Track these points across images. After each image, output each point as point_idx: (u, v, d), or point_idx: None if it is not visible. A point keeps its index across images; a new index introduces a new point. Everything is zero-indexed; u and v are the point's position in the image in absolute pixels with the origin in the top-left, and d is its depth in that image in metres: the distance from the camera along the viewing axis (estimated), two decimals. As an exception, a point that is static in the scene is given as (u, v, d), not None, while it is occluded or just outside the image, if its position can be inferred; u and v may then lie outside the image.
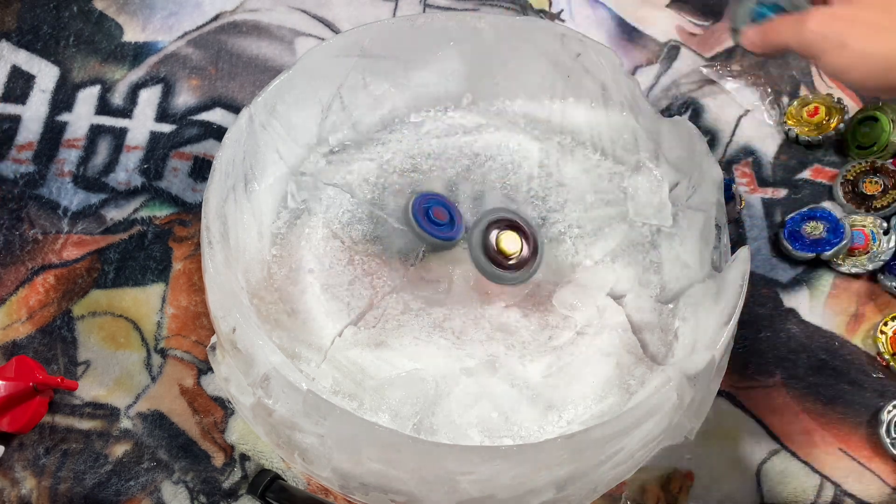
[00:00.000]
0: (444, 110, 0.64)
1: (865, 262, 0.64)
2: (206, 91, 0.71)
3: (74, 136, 0.68)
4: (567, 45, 0.59)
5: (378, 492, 0.46)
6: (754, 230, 0.67)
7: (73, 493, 0.55)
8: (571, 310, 0.57)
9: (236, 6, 0.75)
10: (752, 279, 0.64)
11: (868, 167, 0.67)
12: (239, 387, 0.48)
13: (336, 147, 0.62)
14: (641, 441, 0.45)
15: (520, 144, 0.63)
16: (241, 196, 0.56)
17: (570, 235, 0.60)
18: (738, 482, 0.57)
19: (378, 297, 0.57)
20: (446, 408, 0.53)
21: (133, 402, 0.58)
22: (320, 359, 0.54)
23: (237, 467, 0.56)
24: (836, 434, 0.59)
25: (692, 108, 0.72)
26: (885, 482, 0.57)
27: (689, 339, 0.54)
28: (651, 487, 0.57)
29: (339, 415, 0.43)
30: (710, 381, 0.48)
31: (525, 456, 0.42)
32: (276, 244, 0.58)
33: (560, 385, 0.54)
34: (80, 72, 0.71)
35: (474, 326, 0.57)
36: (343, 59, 0.60)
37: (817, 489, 0.57)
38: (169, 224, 0.65)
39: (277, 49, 0.73)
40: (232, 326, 0.46)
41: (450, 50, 0.61)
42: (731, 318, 0.47)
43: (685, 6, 0.78)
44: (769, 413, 0.59)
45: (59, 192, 0.65)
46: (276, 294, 0.56)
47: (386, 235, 0.60)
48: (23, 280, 0.62)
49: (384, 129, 0.64)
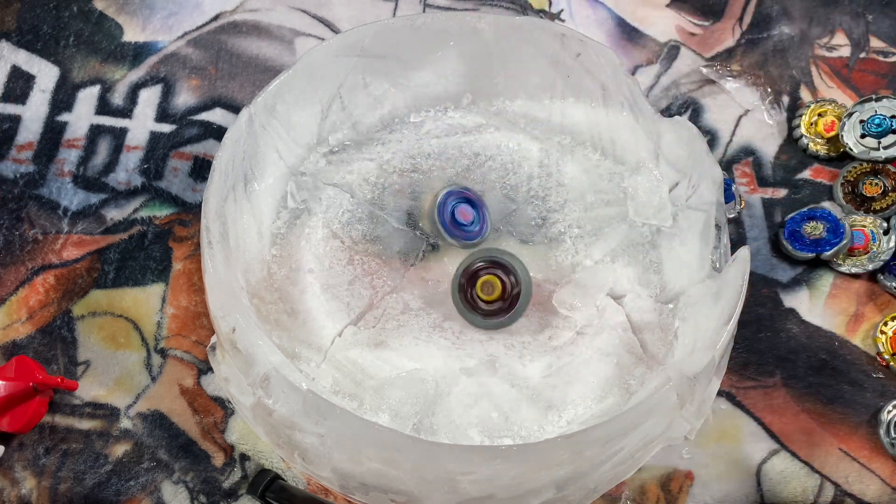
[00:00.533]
0: (444, 110, 0.64)
1: (865, 262, 0.64)
2: (206, 91, 0.71)
3: (74, 136, 0.68)
4: (567, 45, 0.59)
5: (378, 492, 0.46)
6: (754, 230, 0.67)
7: (73, 493, 0.55)
8: (571, 310, 0.57)
9: (236, 6, 0.75)
10: (752, 279, 0.65)
11: (868, 168, 0.67)
12: (239, 387, 0.48)
13: (336, 147, 0.62)
14: (641, 441, 0.45)
15: (520, 144, 0.63)
16: (240, 196, 0.56)
17: (570, 235, 0.60)
18: (738, 482, 0.57)
19: (378, 297, 0.57)
20: (446, 408, 0.53)
21: (133, 402, 0.58)
22: (320, 359, 0.54)
23: (237, 467, 0.56)
24: (836, 434, 0.59)
25: (692, 108, 0.72)
26: (885, 482, 0.57)
27: (689, 339, 0.54)
28: (651, 487, 0.57)
29: (339, 415, 0.43)
30: (710, 381, 0.48)
31: (525, 456, 0.42)
32: (276, 244, 0.58)
33: (560, 385, 0.54)
34: (80, 72, 0.71)
35: (474, 326, 0.57)
36: (343, 59, 0.60)
37: (817, 489, 0.57)
38: (169, 224, 0.65)
39: (277, 49, 0.73)
40: (232, 326, 0.46)
41: (450, 50, 0.61)
42: (731, 318, 0.47)
43: (685, 6, 0.78)
44: (769, 413, 0.59)
45: (59, 192, 0.65)
46: (276, 294, 0.56)
47: (386, 235, 0.60)
48: (23, 280, 0.62)
49: (384, 129, 0.64)
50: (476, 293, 0.55)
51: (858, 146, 0.66)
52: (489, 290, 0.54)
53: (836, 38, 0.77)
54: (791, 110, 0.72)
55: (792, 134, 0.71)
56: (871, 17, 0.78)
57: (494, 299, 0.54)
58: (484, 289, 0.54)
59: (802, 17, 0.78)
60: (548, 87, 0.62)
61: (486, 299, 0.54)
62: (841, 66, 0.75)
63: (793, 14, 0.78)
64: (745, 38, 0.76)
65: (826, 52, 0.76)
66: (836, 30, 0.77)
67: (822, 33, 0.77)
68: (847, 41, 0.77)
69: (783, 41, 0.76)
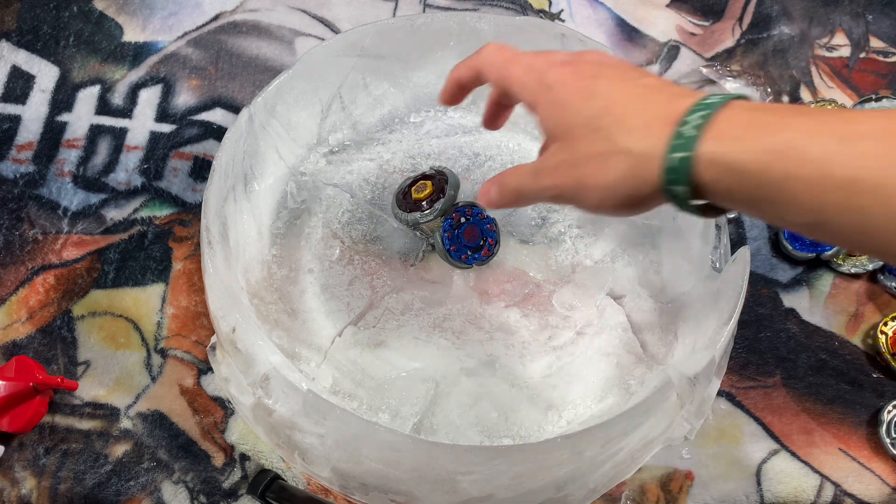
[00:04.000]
0: (444, 110, 0.64)
1: (865, 262, 0.64)
2: (206, 91, 0.71)
3: (74, 136, 0.68)
4: (567, 45, 0.59)
5: (378, 492, 0.46)
6: (754, 230, 0.67)
7: (73, 493, 0.55)
8: (571, 310, 0.57)
9: (236, 6, 0.75)
10: (752, 279, 0.65)
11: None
12: (239, 387, 0.48)
13: (336, 147, 0.62)
14: (641, 441, 0.45)
15: (519, 144, 0.63)
16: (240, 196, 0.56)
17: (570, 235, 0.60)
18: (738, 482, 0.57)
19: (378, 297, 0.57)
20: (446, 408, 0.53)
21: (133, 402, 0.58)
22: (320, 359, 0.54)
23: (237, 467, 0.56)
24: (836, 434, 0.59)
25: (692, 108, 0.72)
26: (885, 482, 0.57)
27: (689, 339, 0.54)
28: (651, 487, 0.57)
29: (339, 415, 0.43)
30: (710, 382, 0.48)
31: (525, 456, 0.42)
32: (275, 244, 0.58)
33: (560, 385, 0.54)
34: (80, 72, 0.71)
35: (474, 326, 0.57)
36: (343, 59, 0.60)
37: (817, 489, 0.57)
38: (169, 224, 0.65)
39: (277, 49, 0.73)
40: (232, 326, 0.46)
41: (450, 50, 0.61)
42: (730, 318, 0.47)
43: (685, 6, 0.78)
44: (769, 413, 0.59)
45: (59, 192, 0.65)
46: (276, 294, 0.56)
47: (386, 235, 0.60)
48: (23, 280, 0.62)
49: (384, 129, 0.64)
50: (411, 196, 0.58)
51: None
52: (421, 189, 0.57)
53: (836, 38, 0.77)
54: (791, 110, 0.72)
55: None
56: (871, 17, 0.78)
57: (426, 195, 0.57)
58: (417, 191, 0.58)
59: (802, 17, 0.78)
60: (548, 87, 0.62)
61: (418, 197, 0.57)
62: (841, 66, 0.75)
63: (793, 14, 0.78)
64: (745, 38, 0.76)
65: (826, 52, 0.76)
66: (836, 30, 0.77)
67: (822, 33, 0.77)
68: (847, 41, 0.77)
69: (783, 41, 0.76)
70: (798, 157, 0.31)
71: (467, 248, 0.57)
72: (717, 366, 0.48)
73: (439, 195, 0.56)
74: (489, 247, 0.58)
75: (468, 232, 0.57)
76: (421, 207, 0.56)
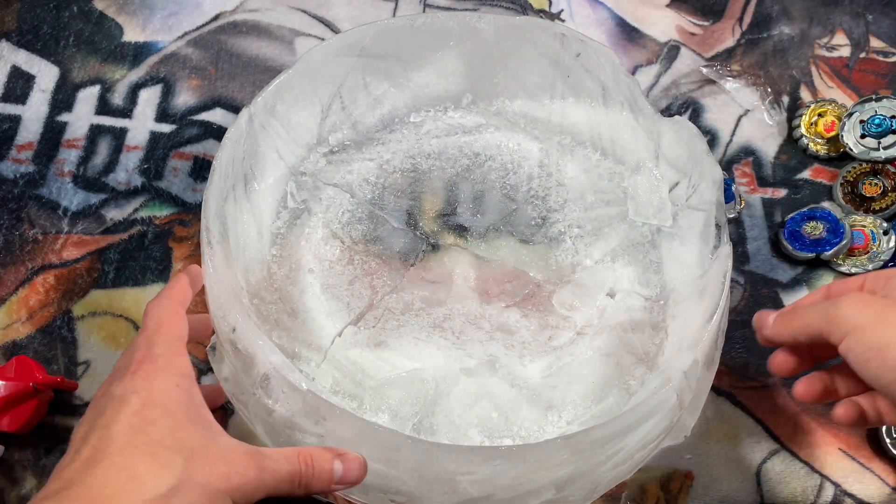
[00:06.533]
0: (444, 110, 0.64)
1: (865, 262, 0.64)
2: (206, 91, 0.71)
3: (74, 136, 0.68)
4: (567, 45, 0.59)
5: (378, 492, 0.46)
6: (754, 230, 0.67)
7: (73, 493, 0.55)
8: (571, 310, 0.57)
9: (236, 6, 0.75)
10: (752, 279, 0.65)
11: (868, 169, 0.67)
12: (239, 387, 0.48)
13: (336, 147, 0.62)
14: (641, 441, 0.45)
15: (519, 144, 0.63)
16: (240, 196, 0.56)
17: (570, 235, 0.60)
18: (738, 482, 0.57)
19: (378, 297, 0.57)
20: (446, 408, 0.53)
21: (133, 402, 0.58)
22: (320, 359, 0.54)
23: (237, 467, 0.56)
24: (836, 434, 0.59)
25: (692, 107, 0.72)
26: (885, 482, 0.57)
27: (677, 336, 0.54)
28: (651, 487, 0.57)
29: (339, 415, 0.43)
30: (701, 378, 0.48)
31: (525, 456, 0.42)
32: (276, 244, 0.58)
33: (560, 385, 0.54)
34: (80, 72, 0.71)
35: (474, 326, 0.57)
36: (343, 59, 0.59)
37: (817, 489, 0.57)
38: (169, 224, 0.65)
39: (277, 49, 0.73)
40: (232, 326, 0.46)
41: (450, 50, 0.61)
42: (713, 315, 0.47)
43: (685, 6, 0.78)
44: (769, 413, 0.59)
45: (59, 192, 0.65)
46: (276, 294, 0.56)
47: (386, 235, 0.60)
48: (23, 280, 0.62)
49: (384, 129, 0.64)
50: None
51: (858, 146, 0.66)
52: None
53: (836, 38, 0.77)
54: (791, 110, 0.72)
55: (792, 134, 0.71)
56: (871, 17, 0.78)
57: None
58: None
59: (802, 17, 0.78)
60: (548, 86, 0.62)
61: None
62: (841, 66, 0.75)
63: (793, 14, 0.78)
64: (745, 38, 0.76)
65: (826, 52, 0.76)
66: (836, 30, 0.77)
67: (822, 33, 0.77)
68: (847, 41, 0.77)
69: (783, 41, 0.76)
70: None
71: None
72: (707, 362, 0.48)
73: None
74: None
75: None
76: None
